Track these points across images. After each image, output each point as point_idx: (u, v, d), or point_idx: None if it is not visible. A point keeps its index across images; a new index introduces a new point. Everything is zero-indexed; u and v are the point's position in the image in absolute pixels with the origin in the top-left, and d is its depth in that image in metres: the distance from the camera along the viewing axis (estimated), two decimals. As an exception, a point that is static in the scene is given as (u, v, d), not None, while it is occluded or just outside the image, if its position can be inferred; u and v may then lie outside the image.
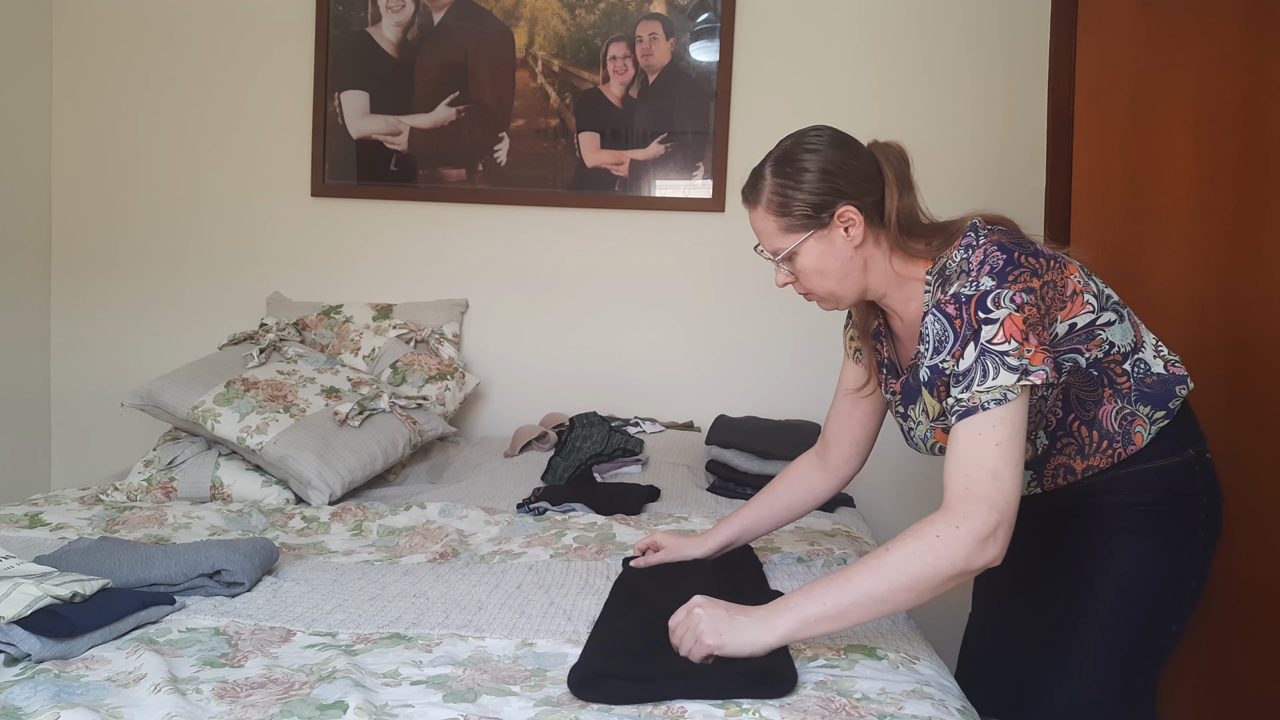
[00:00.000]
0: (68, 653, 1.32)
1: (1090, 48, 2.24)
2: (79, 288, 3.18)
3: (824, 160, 1.43)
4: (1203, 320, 2.17)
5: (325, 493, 2.27)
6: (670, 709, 1.20)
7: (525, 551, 1.92)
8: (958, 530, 1.24)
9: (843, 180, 1.43)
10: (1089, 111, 2.24)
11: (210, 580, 1.61)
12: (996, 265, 1.34)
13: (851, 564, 1.30)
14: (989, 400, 1.29)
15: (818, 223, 1.43)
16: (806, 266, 1.46)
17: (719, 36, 3.00)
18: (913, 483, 2.87)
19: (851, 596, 1.25)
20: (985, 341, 1.30)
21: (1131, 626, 1.49)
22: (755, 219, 1.48)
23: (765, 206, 1.46)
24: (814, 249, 1.44)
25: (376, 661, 1.35)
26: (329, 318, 2.98)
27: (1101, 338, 1.45)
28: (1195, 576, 1.51)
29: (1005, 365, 1.29)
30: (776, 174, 1.45)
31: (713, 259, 3.04)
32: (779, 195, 1.44)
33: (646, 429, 2.84)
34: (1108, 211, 2.25)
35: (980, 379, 1.29)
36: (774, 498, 1.74)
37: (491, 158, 3.07)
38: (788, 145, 1.47)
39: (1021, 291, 1.32)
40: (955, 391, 1.32)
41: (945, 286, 1.39)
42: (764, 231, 1.48)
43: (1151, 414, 1.48)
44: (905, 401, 1.53)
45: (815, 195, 1.42)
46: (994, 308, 1.31)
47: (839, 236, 1.44)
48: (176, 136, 3.13)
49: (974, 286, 1.33)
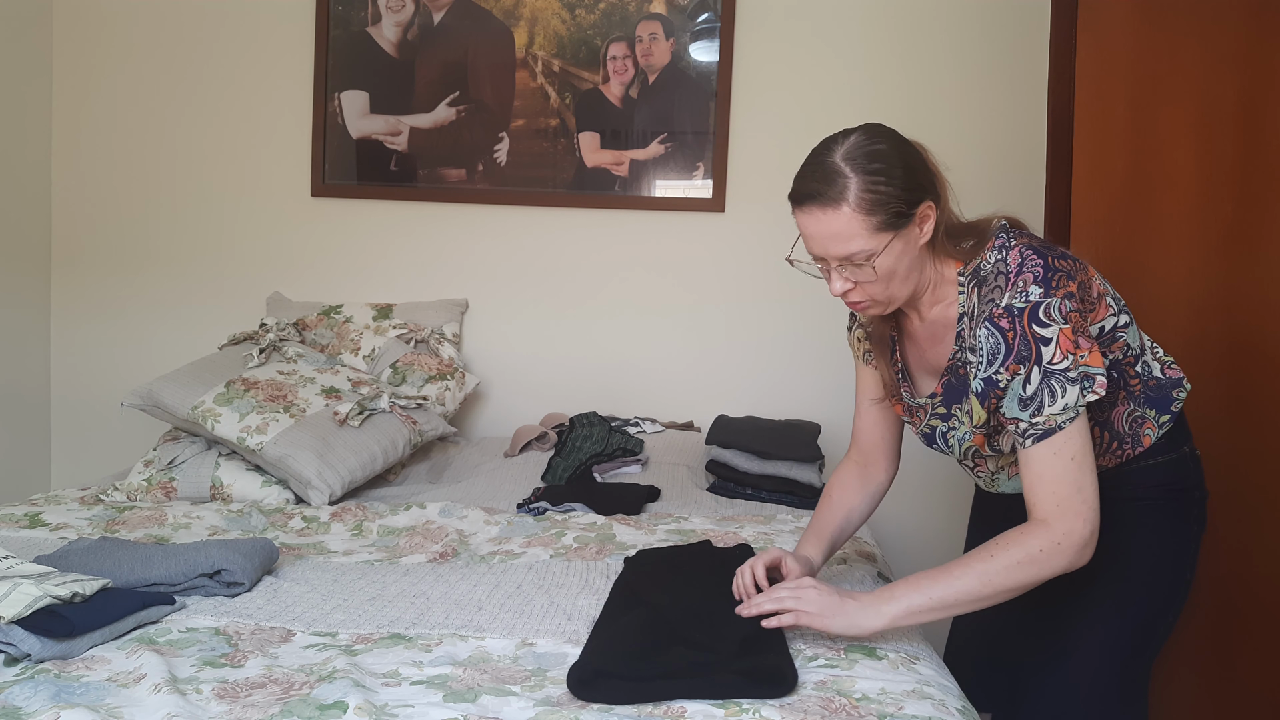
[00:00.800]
0: (68, 653, 1.32)
1: (1090, 48, 2.24)
2: (79, 288, 3.18)
3: (904, 156, 1.39)
4: (1203, 320, 2.17)
5: (325, 493, 2.27)
6: (670, 709, 1.20)
7: (525, 551, 1.92)
8: (1060, 545, 1.34)
9: (921, 176, 1.40)
10: (1089, 112, 2.24)
11: (210, 580, 1.61)
12: (1039, 272, 1.37)
13: (955, 563, 1.37)
14: (1063, 420, 1.35)
15: (906, 220, 1.38)
16: (885, 268, 1.39)
17: (719, 36, 3.00)
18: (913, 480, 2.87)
19: (955, 595, 1.36)
20: (1047, 364, 1.35)
21: (1129, 620, 1.53)
22: (832, 221, 1.37)
23: (855, 205, 1.35)
24: (896, 249, 1.39)
25: (376, 661, 1.35)
26: (329, 318, 2.98)
27: (1122, 339, 1.49)
28: (1188, 569, 1.57)
29: (1069, 381, 1.35)
30: (862, 170, 1.36)
31: (713, 259, 3.04)
32: (872, 193, 1.35)
33: (646, 429, 2.84)
34: (1108, 212, 2.25)
35: (1050, 401, 1.35)
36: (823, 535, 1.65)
37: (491, 158, 3.07)
38: (856, 142, 1.38)
39: (1065, 299, 1.36)
40: (1024, 415, 1.36)
41: (981, 289, 1.42)
42: (845, 233, 1.37)
43: (1158, 417, 1.52)
44: (948, 402, 1.51)
45: (907, 192, 1.37)
46: (1048, 321, 1.35)
47: (914, 235, 1.40)
48: (176, 136, 3.13)
49: (1024, 298, 1.36)
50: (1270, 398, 2.09)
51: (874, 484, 1.70)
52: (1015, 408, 1.37)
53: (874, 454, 1.70)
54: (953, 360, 1.49)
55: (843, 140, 1.39)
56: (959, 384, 1.49)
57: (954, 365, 1.49)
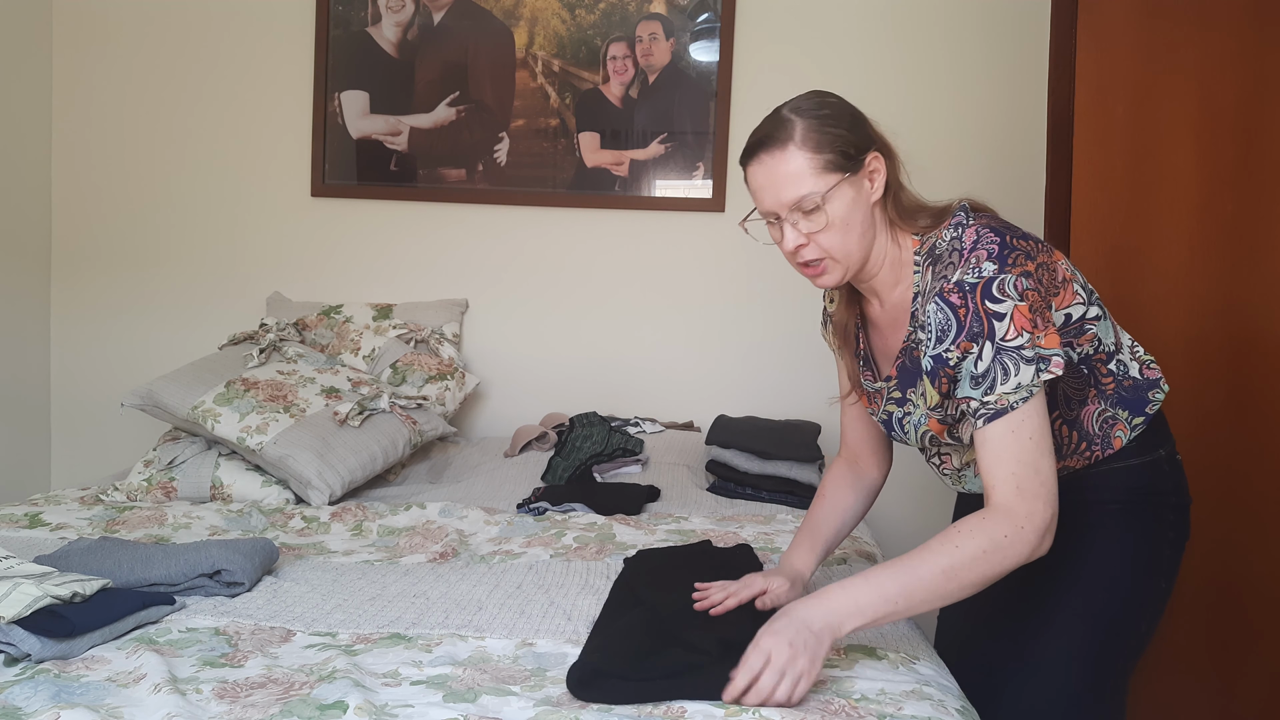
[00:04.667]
0: (68, 653, 1.32)
1: (1090, 48, 2.24)
2: (79, 287, 3.18)
3: (850, 108, 1.42)
4: (1203, 320, 2.17)
5: (325, 493, 2.27)
6: (670, 709, 1.20)
7: (525, 551, 1.92)
8: (1023, 530, 1.28)
9: (869, 129, 1.41)
10: (1089, 111, 2.24)
11: (210, 580, 1.61)
12: (993, 249, 1.33)
13: (917, 555, 1.29)
14: (1016, 400, 1.30)
15: (854, 165, 1.38)
16: (837, 215, 1.38)
17: (719, 36, 3.00)
18: (913, 479, 2.87)
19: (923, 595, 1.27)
20: (1000, 340, 1.30)
21: (1101, 624, 1.48)
22: (779, 162, 1.37)
23: (801, 143, 1.36)
24: (846, 194, 1.38)
25: (376, 661, 1.35)
26: (329, 318, 2.98)
27: (1091, 332, 1.45)
28: (1164, 576, 1.51)
29: (1024, 359, 1.29)
30: (811, 115, 1.38)
31: (713, 259, 3.04)
32: (818, 132, 1.37)
33: (646, 429, 2.84)
34: (1108, 211, 2.25)
35: (1003, 379, 1.30)
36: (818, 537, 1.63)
37: (491, 158, 3.07)
38: (803, 97, 1.43)
39: (1021, 276, 1.31)
40: (976, 394, 1.32)
41: (936, 266, 1.38)
42: (793, 173, 1.37)
43: (1130, 419, 1.47)
44: (903, 385, 1.48)
45: (854, 134, 1.39)
46: (1001, 297, 1.30)
47: (865, 186, 1.40)
48: (176, 136, 3.13)
49: (975, 273, 1.32)
50: (1270, 398, 2.09)
51: (866, 480, 1.67)
52: (967, 386, 1.33)
53: (861, 450, 1.68)
54: (907, 341, 1.46)
55: (791, 100, 1.43)
56: (913, 366, 1.45)
57: (908, 346, 1.46)
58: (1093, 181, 2.25)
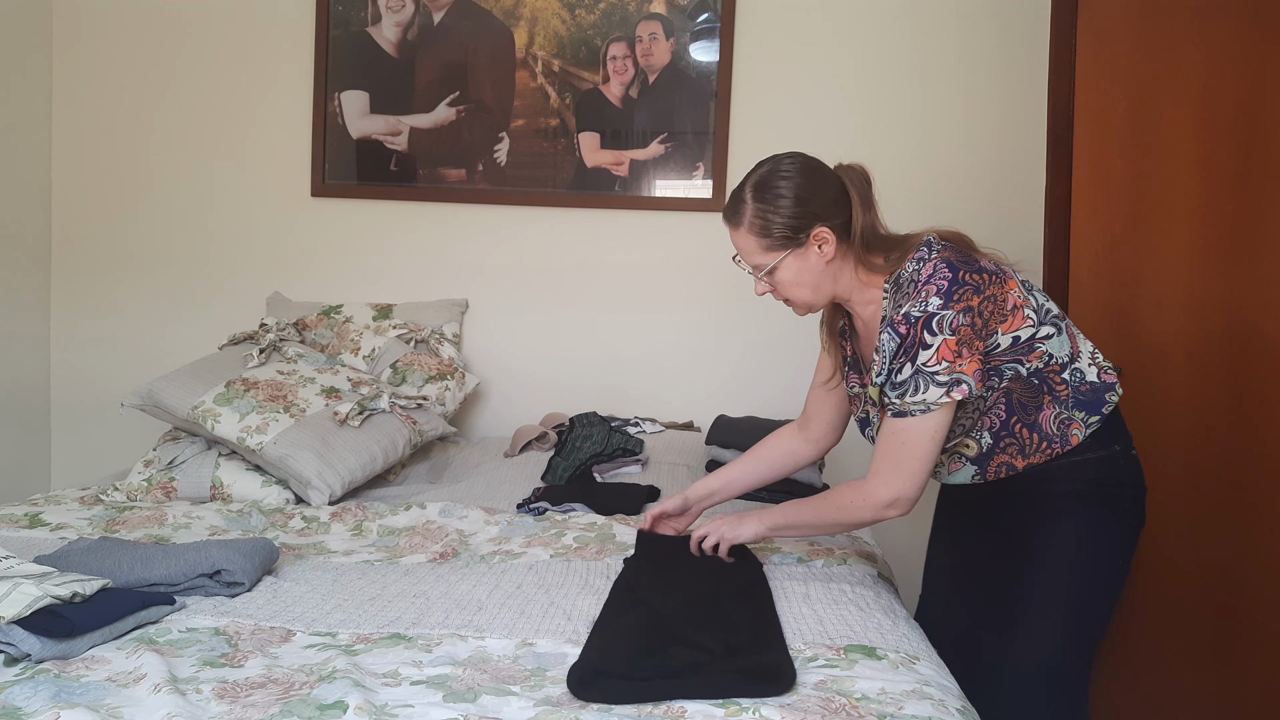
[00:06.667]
0: (68, 653, 1.32)
1: (1090, 48, 2.24)
2: (79, 288, 3.18)
3: (798, 187, 1.62)
4: (1203, 320, 2.18)
5: (325, 493, 2.27)
6: (670, 709, 1.20)
7: (525, 551, 1.92)
8: (864, 501, 1.63)
9: (816, 205, 1.62)
10: (1089, 111, 2.24)
11: (210, 580, 1.61)
12: (943, 285, 1.55)
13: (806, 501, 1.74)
14: (915, 409, 1.57)
15: (795, 242, 1.63)
16: (784, 280, 1.67)
17: (719, 36, 2.99)
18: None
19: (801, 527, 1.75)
20: (920, 364, 1.55)
21: (1066, 598, 1.66)
22: (737, 237, 1.68)
23: (748, 228, 1.65)
24: (791, 265, 1.65)
25: (376, 661, 1.35)
26: (329, 318, 2.98)
27: (1041, 350, 1.62)
28: (1120, 555, 1.70)
29: (934, 383, 1.54)
30: (757, 199, 1.63)
31: (713, 259, 3.02)
32: (760, 219, 1.63)
33: (646, 429, 2.84)
34: (1108, 211, 2.25)
35: (912, 392, 1.56)
36: (759, 458, 1.94)
37: (491, 158, 3.07)
38: (765, 172, 1.66)
39: (961, 313, 1.54)
40: (893, 394, 1.59)
41: (899, 294, 1.60)
42: (746, 249, 1.67)
43: (1086, 419, 1.65)
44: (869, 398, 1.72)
45: (793, 219, 1.62)
46: (937, 331, 1.53)
47: (814, 254, 1.64)
48: (176, 136, 3.13)
49: (922, 307, 1.55)
50: (1270, 398, 2.09)
51: (811, 444, 1.90)
52: (889, 386, 1.60)
53: (815, 420, 1.90)
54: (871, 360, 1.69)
55: (763, 166, 1.67)
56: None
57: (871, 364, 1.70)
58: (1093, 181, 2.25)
